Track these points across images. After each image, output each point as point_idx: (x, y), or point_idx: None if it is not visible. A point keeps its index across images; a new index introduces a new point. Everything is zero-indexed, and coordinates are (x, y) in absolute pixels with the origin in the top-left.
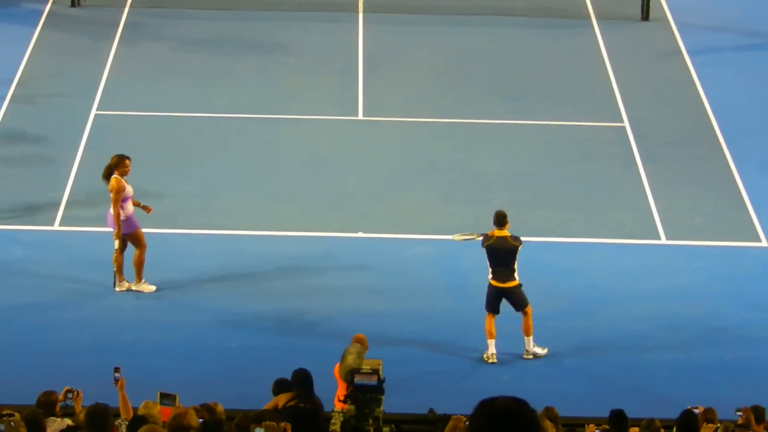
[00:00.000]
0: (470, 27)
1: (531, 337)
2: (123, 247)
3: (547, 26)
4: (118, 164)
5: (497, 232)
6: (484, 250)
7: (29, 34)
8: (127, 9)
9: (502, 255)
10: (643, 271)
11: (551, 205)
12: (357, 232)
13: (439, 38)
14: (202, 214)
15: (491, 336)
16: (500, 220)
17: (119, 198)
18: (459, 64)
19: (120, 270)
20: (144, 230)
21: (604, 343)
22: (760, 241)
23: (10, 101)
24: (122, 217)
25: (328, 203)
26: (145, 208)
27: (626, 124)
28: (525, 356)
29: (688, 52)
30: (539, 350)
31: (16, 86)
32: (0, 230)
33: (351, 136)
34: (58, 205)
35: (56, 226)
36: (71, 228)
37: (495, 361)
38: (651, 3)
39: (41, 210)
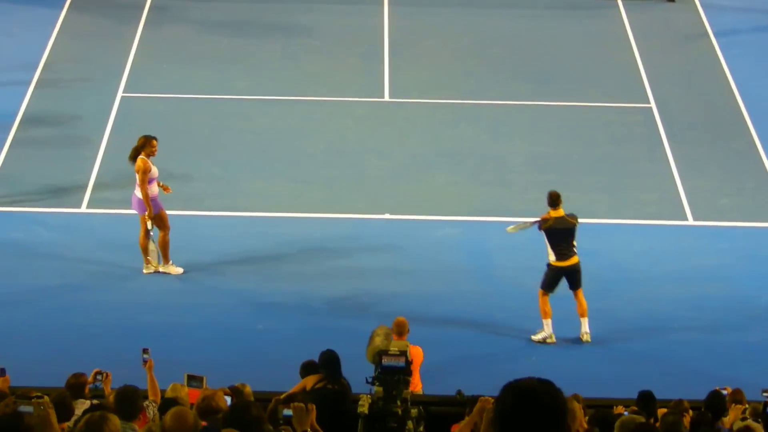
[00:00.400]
0: (494, 9)
1: (587, 318)
2: (148, 230)
3: (572, 7)
4: (144, 145)
5: (553, 213)
6: (542, 233)
7: (54, 17)
8: None
9: (562, 234)
10: (669, 252)
11: (577, 186)
12: (383, 213)
13: (464, 21)
14: (227, 197)
15: (547, 315)
16: (554, 200)
17: (146, 178)
18: (483, 47)
19: (146, 252)
20: (169, 212)
21: (630, 324)
22: None
23: (36, 85)
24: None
25: (353, 185)
26: (164, 188)
27: (652, 105)
28: (584, 338)
29: (715, 33)
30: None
31: (42, 70)
32: (27, 213)
33: (377, 117)
34: (84, 187)
35: (83, 209)
36: (98, 210)
37: (554, 341)
38: None
39: (68, 192)
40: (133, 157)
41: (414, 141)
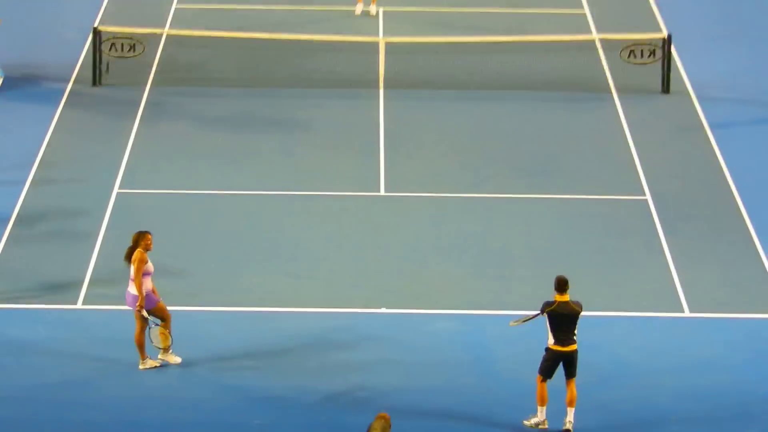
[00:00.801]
0: (490, 101)
1: (574, 408)
2: (143, 326)
3: (567, 100)
4: (139, 240)
5: (559, 298)
6: (545, 316)
7: (51, 113)
8: (148, 88)
9: (565, 320)
10: (666, 344)
11: (574, 279)
12: (380, 307)
13: (460, 113)
14: (225, 291)
15: (543, 402)
16: (562, 285)
17: (141, 268)
18: (480, 139)
19: (142, 348)
20: (169, 308)
21: (629, 417)
22: None
23: (32, 182)
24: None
25: (350, 279)
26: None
27: (648, 197)
28: (566, 426)
29: (710, 125)
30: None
31: (38, 166)
32: (24, 309)
33: (373, 211)
34: (81, 283)
35: (79, 305)
36: (95, 306)
37: (546, 427)
38: (671, 76)
39: (64, 289)
40: (128, 257)
41: (410, 234)
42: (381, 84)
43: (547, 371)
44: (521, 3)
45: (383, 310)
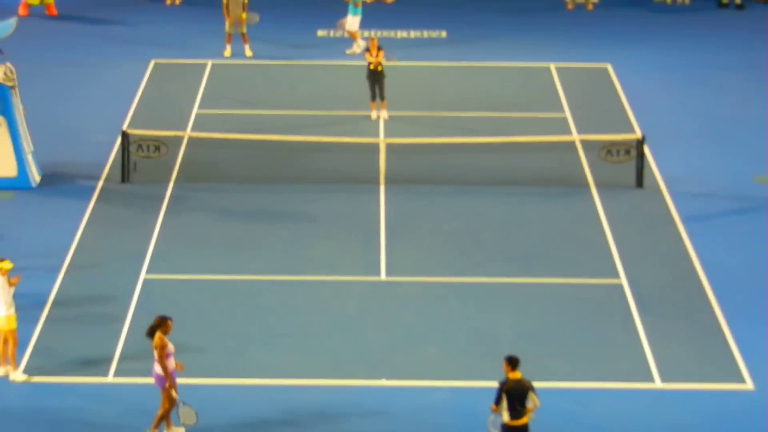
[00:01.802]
0: (481, 195)
1: None
2: (173, 403)
3: (550, 194)
4: (160, 324)
5: (512, 375)
6: (504, 394)
7: (84, 207)
8: (171, 184)
9: (519, 395)
10: (641, 412)
11: (557, 354)
12: (381, 379)
13: (454, 206)
14: (240, 366)
15: None
16: (515, 364)
17: (164, 353)
18: (472, 229)
19: (166, 420)
20: (187, 381)
21: None
22: (745, 383)
23: (67, 268)
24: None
25: (354, 354)
26: (177, 365)
27: (624, 281)
28: None
29: (680, 216)
30: None
31: (73, 255)
32: (59, 383)
33: (375, 294)
34: (111, 359)
35: (110, 378)
36: (124, 380)
37: None
38: (645, 172)
39: (96, 364)
40: (150, 334)
41: (408, 315)
42: (382, 180)
43: None
44: (510, 108)
45: (384, 381)
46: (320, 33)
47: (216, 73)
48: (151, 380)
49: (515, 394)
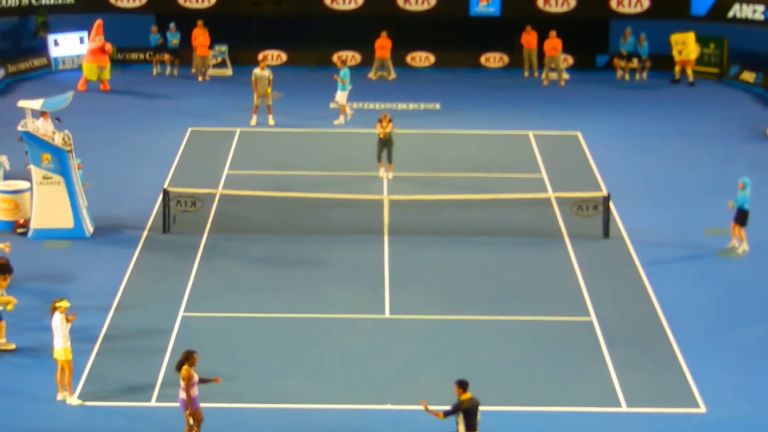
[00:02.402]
0: (470, 245)
1: None
2: (191, 428)
3: (529, 244)
4: (187, 358)
5: (464, 396)
6: (461, 412)
7: (130, 255)
8: (205, 235)
9: (474, 412)
10: None
11: (534, 381)
12: (386, 404)
13: (446, 254)
14: (265, 392)
15: None
16: (466, 386)
17: (189, 384)
18: (462, 274)
19: None
20: (219, 405)
21: None
22: (699, 407)
23: (116, 307)
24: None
25: (363, 382)
26: (215, 380)
27: (593, 318)
28: None
29: (641, 263)
30: None
31: (121, 295)
32: (109, 406)
33: (380, 330)
34: (154, 386)
35: (153, 403)
36: (164, 404)
37: None
38: (610, 224)
39: (141, 390)
40: (178, 368)
41: (409, 347)
42: (386, 231)
43: None
44: (494, 169)
45: (388, 406)
46: (332, 105)
47: (244, 140)
48: None
49: (471, 412)
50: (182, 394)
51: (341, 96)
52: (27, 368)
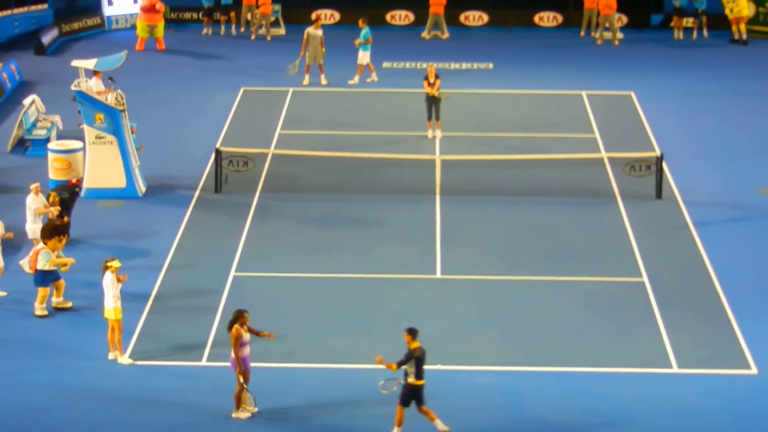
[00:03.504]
0: (523, 205)
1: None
2: (242, 386)
3: (581, 204)
4: (237, 318)
5: (415, 344)
6: (414, 360)
7: (183, 214)
8: (257, 194)
9: (423, 360)
10: (660, 393)
11: (586, 343)
12: (436, 365)
13: (498, 214)
14: (316, 352)
15: (400, 423)
16: (415, 334)
17: (238, 343)
18: (514, 234)
19: (238, 401)
20: (270, 365)
21: None
22: (750, 369)
23: (168, 266)
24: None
25: None
26: (269, 335)
27: (645, 279)
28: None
29: (693, 223)
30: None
31: (173, 255)
32: (159, 365)
33: (431, 290)
34: (205, 345)
35: (203, 362)
36: (215, 363)
37: None
38: (663, 185)
39: (192, 349)
40: (229, 327)
41: (460, 308)
42: (437, 191)
43: (408, 401)
44: (547, 129)
45: (439, 366)
46: (385, 65)
47: (296, 99)
48: None
49: (420, 360)
50: (232, 353)
51: (364, 56)
52: (80, 327)
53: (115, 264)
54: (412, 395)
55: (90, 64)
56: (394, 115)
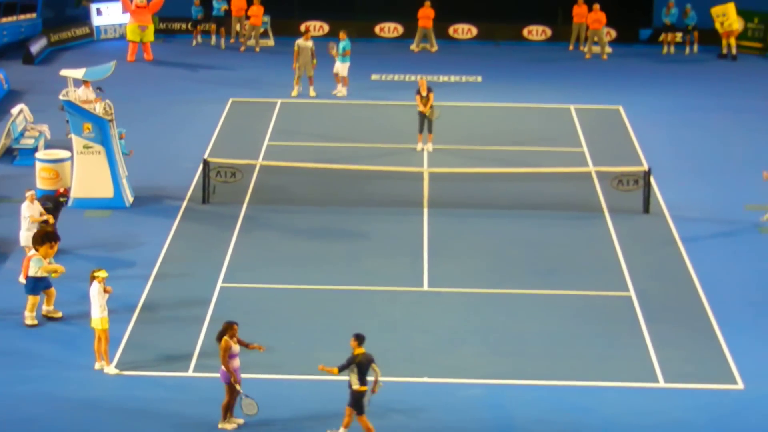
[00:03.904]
0: (511, 218)
1: None
2: (234, 396)
3: (569, 218)
4: (227, 329)
5: (359, 350)
6: (355, 366)
7: (170, 225)
8: (245, 205)
9: (366, 366)
10: (647, 407)
11: (573, 356)
12: (423, 377)
13: (486, 227)
14: (302, 363)
15: (347, 426)
16: (362, 340)
17: (226, 355)
18: (502, 247)
19: (226, 412)
20: (257, 376)
21: None
22: (737, 384)
23: (155, 276)
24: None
25: (401, 355)
26: (258, 347)
27: (632, 293)
28: None
29: (681, 238)
30: None
31: (160, 265)
32: (146, 376)
33: (418, 302)
34: (191, 356)
35: (190, 373)
36: (201, 374)
37: None
38: (650, 199)
39: (178, 360)
40: (218, 339)
41: (447, 321)
42: (425, 204)
43: (362, 408)
44: (535, 143)
45: (426, 379)
46: (374, 77)
47: (284, 111)
48: None
49: (363, 366)
50: (222, 365)
51: (344, 67)
52: (68, 337)
53: (102, 274)
54: (360, 400)
55: (79, 73)
56: (382, 128)
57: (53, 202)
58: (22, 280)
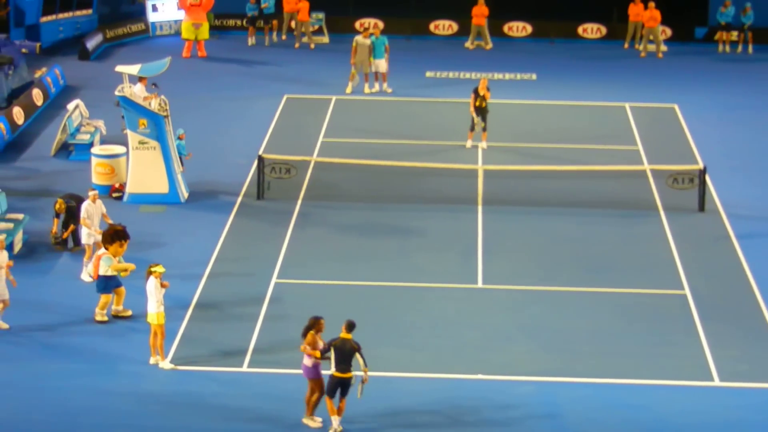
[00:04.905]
0: (564, 216)
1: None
2: (320, 391)
3: (624, 216)
4: (314, 324)
5: (343, 336)
6: (332, 348)
7: (225, 220)
8: (299, 202)
9: (344, 353)
10: (701, 406)
11: (625, 355)
12: (477, 374)
13: (540, 225)
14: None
15: (334, 413)
16: (352, 327)
17: (315, 350)
18: (555, 245)
19: (310, 407)
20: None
21: None
22: None
23: (209, 273)
24: (311, 365)
25: (454, 351)
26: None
27: (687, 291)
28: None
29: (736, 236)
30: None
31: (215, 261)
32: (201, 371)
33: (472, 300)
34: (246, 351)
35: (244, 368)
36: (256, 370)
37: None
38: (706, 198)
39: (233, 356)
40: (304, 334)
41: (501, 317)
42: (479, 201)
43: (332, 392)
44: (590, 141)
45: (479, 376)
46: (428, 74)
47: (339, 107)
48: (279, 370)
49: (340, 351)
50: (306, 361)
51: (381, 63)
52: (123, 331)
53: (159, 269)
54: (334, 386)
55: (134, 69)
56: (436, 125)
57: (76, 199)
58: (85, 277)
